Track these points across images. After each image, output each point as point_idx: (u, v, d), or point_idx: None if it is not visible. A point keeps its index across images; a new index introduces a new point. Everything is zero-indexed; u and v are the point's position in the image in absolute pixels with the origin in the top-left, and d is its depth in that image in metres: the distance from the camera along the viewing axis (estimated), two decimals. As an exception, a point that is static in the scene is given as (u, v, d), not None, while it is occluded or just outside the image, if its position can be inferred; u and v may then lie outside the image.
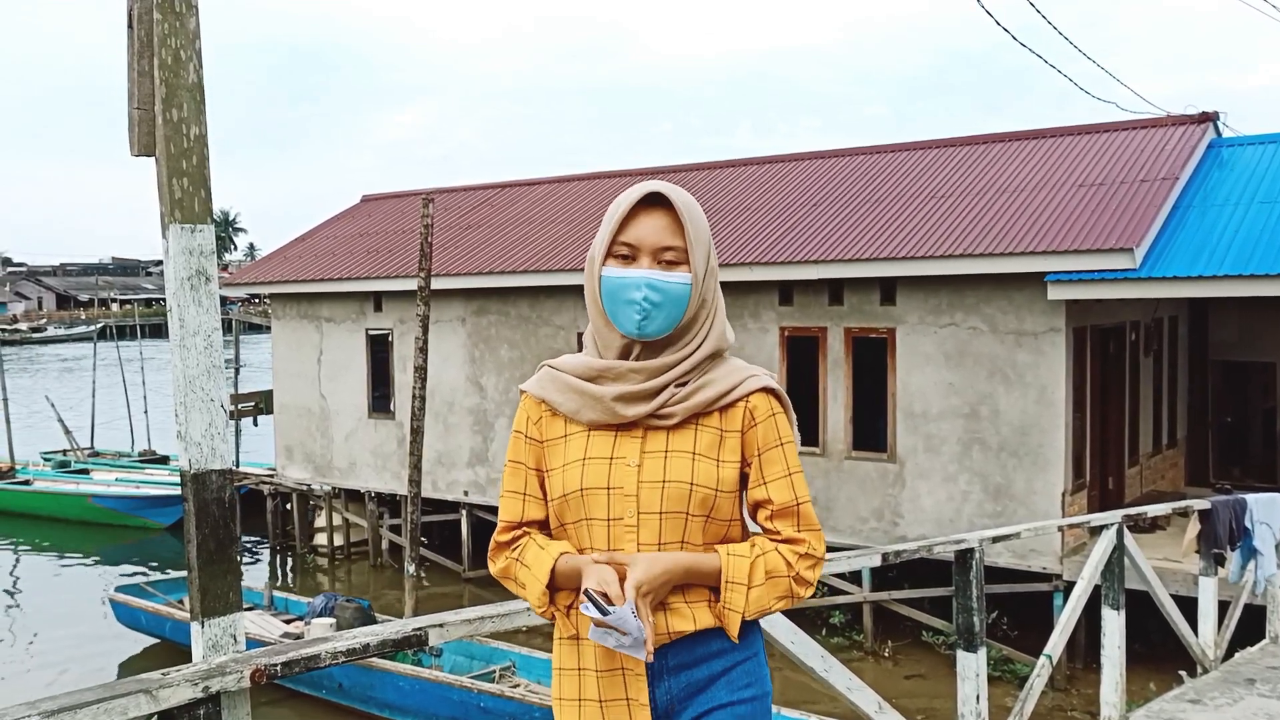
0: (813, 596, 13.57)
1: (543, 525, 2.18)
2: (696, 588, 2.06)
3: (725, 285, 2.41)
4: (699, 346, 2.10)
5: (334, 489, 17.66)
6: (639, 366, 2.08)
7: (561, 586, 2.08)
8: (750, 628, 2.13)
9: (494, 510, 15.85)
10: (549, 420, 2.15)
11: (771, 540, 2.09)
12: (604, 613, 1.90)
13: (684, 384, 2.08)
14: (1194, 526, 7.44)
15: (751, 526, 2.16)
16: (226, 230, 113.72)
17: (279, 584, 16.53)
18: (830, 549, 2.32)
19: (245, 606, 8.07)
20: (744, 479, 2.11)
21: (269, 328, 20.49)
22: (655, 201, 2.08)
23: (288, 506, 18.87)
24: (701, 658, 2.08)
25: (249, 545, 19.03)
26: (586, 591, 1.94)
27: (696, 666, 2.07)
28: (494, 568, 2.20)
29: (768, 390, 2.11)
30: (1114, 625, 6.04)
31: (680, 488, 2.04)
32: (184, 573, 14.60)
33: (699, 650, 2.07)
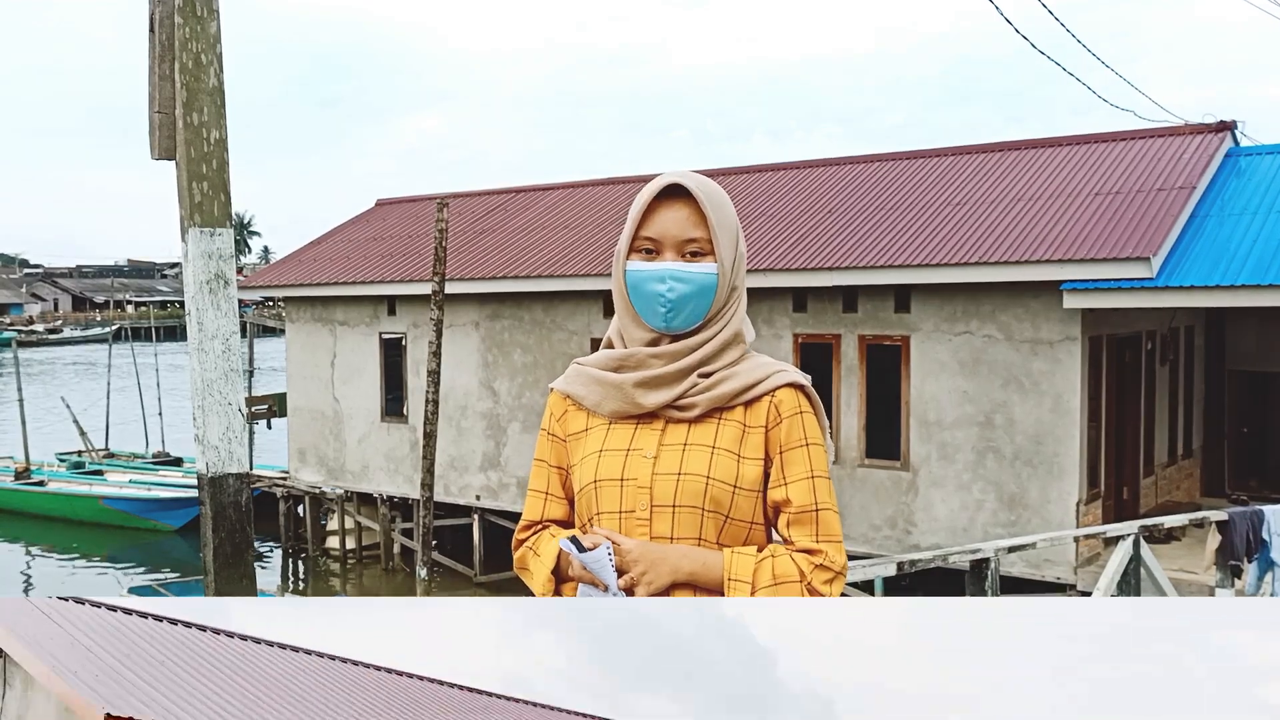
0: (825, 604, 13.48)
1: (566, 525, 2.12)
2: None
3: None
4: (720, 330, 2.05)
5: (346, 492, 17.68)
6: (659, 351, 2.02)
7: (567, 577, 2.00)
8: None
9: (506, 515, 15.86)
10: (573, 414, 2.10)
11: (786, 548, 1.96)
12: (581, 550, 1.92)
13: (707, 374, 2.01)
14: (1214, 540, 7.39)
15: (775, 539, 2.04)
16: (241, 233, 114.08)
17: (291, 587, 16.55)
18: (845, 558, 2.17)
19: (258, 609, 8.07)
20: (768, 479, 2.00)
21: (283, 331, 20.53)
22: (676, 193, 2.02)
23: (300, 509, 18.92)
24: None
25: (261, 548, 19.06)
26: (572, 537, 1.95)
27: None
28: (515, 563, 2.16)
29: (796, 386, 2.02)
30: (1130, 637, 6.00)
31: (696, 481, 1.95)
32: (197, 575, 14.64)
33: None
